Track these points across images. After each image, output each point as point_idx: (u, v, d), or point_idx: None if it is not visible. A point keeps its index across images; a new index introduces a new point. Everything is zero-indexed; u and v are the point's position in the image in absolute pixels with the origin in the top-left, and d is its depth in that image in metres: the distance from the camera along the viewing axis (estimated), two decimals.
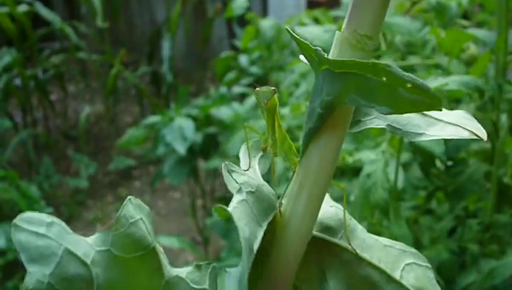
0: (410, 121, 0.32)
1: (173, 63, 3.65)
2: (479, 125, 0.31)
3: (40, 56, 3.64)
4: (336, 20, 1.56)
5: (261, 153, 0.39)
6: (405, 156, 0.98)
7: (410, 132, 0.32)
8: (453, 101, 0.96)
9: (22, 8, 3.24)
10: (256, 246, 0.30)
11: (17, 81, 3.49)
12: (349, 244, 0.35)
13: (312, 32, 1.06)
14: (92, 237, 0.32)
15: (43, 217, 0.31)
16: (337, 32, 0.32)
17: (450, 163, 0.95)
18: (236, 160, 0.40)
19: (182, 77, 4.39)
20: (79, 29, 3.81)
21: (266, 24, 1.59)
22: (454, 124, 0.31)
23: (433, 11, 1.21)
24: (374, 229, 0.91)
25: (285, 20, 2.05)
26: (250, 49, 1.98)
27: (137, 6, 4.94)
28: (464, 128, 0.31)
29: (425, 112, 0.32)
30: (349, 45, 0.31)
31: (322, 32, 1.05)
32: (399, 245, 0.35)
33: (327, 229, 0.36)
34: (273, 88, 0.35)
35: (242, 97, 2.32)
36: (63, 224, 0.31)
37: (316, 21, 1.61)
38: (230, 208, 0.31)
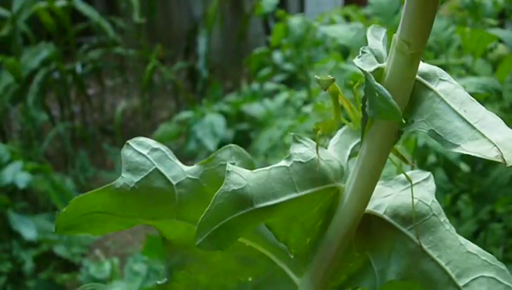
0: (455, 130, 0.33)
1: (209, 59, 3.66)
2: None
3: (78, 51, 3.68)
4: (368, 18, 1.54)
5: (340, 135, 0.41)
6: (431, 159, 0.97)
7: (449, 142, 0.33)
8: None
9: (60, 3, 3.28)
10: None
11: (56, 75, 3.54)
12: (417, 237, 0.36)
13: (336, 31, 1.05)
14: (189, 167, 0.39)
15: (150, 142, 0.39)
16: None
17: (467, 169, 0.93)
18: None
19: (218, 73, 4.40)
20: (117, 25, 3.84)
21: (295, 21, 1.58)
22: (493, 144, 0.31)
23: (467, 9, 1.19)
24: None
25: (317, 16, 2.03)
26: (283, 46, 1.97)
27: (175, 2, 4.96)
28: (497, 149, 0.31)
29: (480, 127, 0.33)
30: (396, 48, 0.34)
31: (347, 31, 1.04)
32: (488, 257, 0.35)
33: (401, 217, 0.37)
34: (331, 78, 0.38)
35: (275, 94, 2.31)
36: (168, 152, 0.39)
37: (347, 19, 1.60)
38: (263, 168, 0.35)
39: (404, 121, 0.34)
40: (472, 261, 0.35)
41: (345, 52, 1.18)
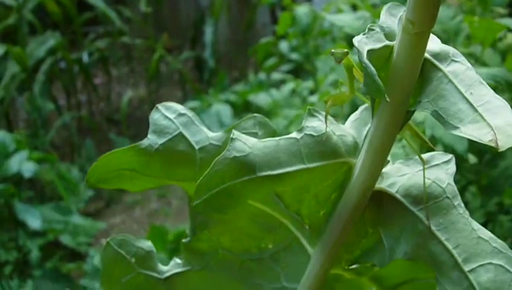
0: (458, 113, 0.33)
1: (216, 48, 3.65)
2: None
3: (84, 40, 3.67)
4: (374, 7, 1.53)
5: (360, 111, 0.41)
6: (438, 150, 0.95)
7: (450, 123, 0.33)
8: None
9: None
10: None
11: (62, 65, 3.54)
12: (426, 217, 0.36)
13: (343, 20, 1.03)
14: (214, 133, 0.40)
15: (178, 108, 0.41)
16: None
17: (474, 160, 0.92)
18: None
19: (225, 63, 4.39)
20: (123, 14, 3.83)
21: (301, 10, 1.57)
22: (491, 128, 0.32)
23: None
24: None
25: (324, 6, 2.01)
26: (290, 36, 1.96)
27: None
28: (493, 134, 0.31)
29: (481, 109, 0.33)
30: (402, 27, 0.34)
31: (353, 20, 1.03)
32: (500, 245, 0.34)
33: (412, 197, 0.37)
34: (345, 50, 0.38)
35: (281, 83, 2.31)
36: (194, 118, 0.40)
37: (354, 7, 1.58)
38: (273, 138, 0.36)
39: (411, 101, 0.34)
40: (482, 247, 0.34)
41: (352, 42, 1.16)
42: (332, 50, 0.38)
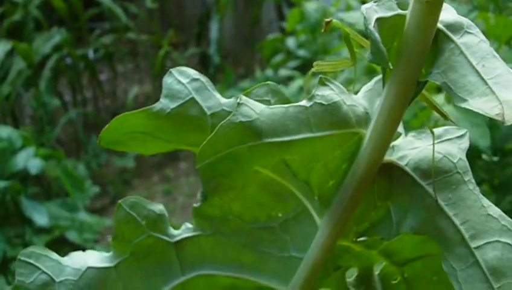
0: (467, 85, 0.32)
1: (222, 44, 3.64)
2: None
3: (90, 36, 3.67)
4: None
5: (374, 82, 0.41)
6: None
7: (458, 95, 0.32)
8: None
9: None
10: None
11: (68, 61, 3.54)
12: (434, 191, 0.35)
13: (353, 17, 1.03)
14: (227, 99, 0.40)
15: (191, 73, 0.40)
16: None
17: (495, 158, 0.91)
18: None
19: (231, 59, 4.38)
20: (129, 10, 3.83)
21: (311, 7, 1.56)
22: (499, 101, 0.31)
23: None
24: None
25: (333, 2, 2.00)
26: (298, 32, 1.95)
27: None
28: (501, 108, 0.31)
29: (495, 83, 0.32)
30: None
31: None
32: (508, 222, 0.34)
33: (421, 170, 0.36)
34: (329, 19, 0.38)
35: (289, 80, 2.30)
36: (208, 84, 0.40)
37: (364, 3, 1.57)
38: (281, 105, 0.35)
39: (423, 72, 0.34)
40: (490, 225, 0.34)
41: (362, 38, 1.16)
42: (326, 20, 0.38)
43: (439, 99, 0.87)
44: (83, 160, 3.19)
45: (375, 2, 0.34)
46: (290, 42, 2.14)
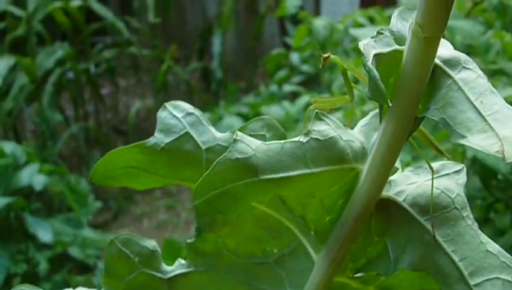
0: (466, 121, 0.32)
1: (224, 59, 3.64)
2: None
3: (92, 50, 3.67)
4: None
5: (370, 116, 0.41)
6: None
7: (457, 132, 0.32)
8: None
9: (76, 2, 3.28)
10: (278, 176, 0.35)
11: (70, 75, 3.53)
12: (432, 228, 0.35)
13: (366, 34, 1.02)
14: (222, 134, 0.40)
15: (186, 107, 0.40)
16: None
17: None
18: None
19: (232, 73, 4.38)
20: (131, 24, 3.83)
21: (319, 23, 1.56)
22: (499, 138, 0.31)
23: (495, 11, 1.17)
24: None
25: (338, 17, 2.00)
26: (302, 47, 1.94)
27: (189, 2, 4.95)
28: (500, 144, 0.31)
29: (490, 118, 0.32)
30: (411, 32, 0.33)
31: None
32: (507, 259, 0.34)
33: (419, 206, 0.36)
34: (328, 54, 0.38)
35: (293, 96, 2.29)
36: (202, 118, 0.40)
37: (371, 20, 1.57)
38: (277, 141, 0.35)
39: (420, 108, 0.34)
40: (489, 261, 0.34)
41: None
42: (323, 55, 0.39)
43: None
44: (85, 175, 3.17)
45: (372, 37, 0.34)
46: (294, 57, 2.14)
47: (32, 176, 2.06)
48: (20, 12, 3.12)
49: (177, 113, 0.40)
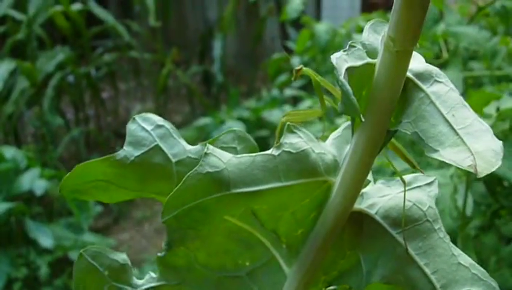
0: (438, 135, 0.32)
1: (224, 62, 3.63)
2: (493, 162, 0.31)
3: (93, 54, 3.67)
4: None
5: (342, 129, 0.41)
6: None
7: (429, 146, 0.32)
8: None
9: (76, 6, 3.27)
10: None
11: (70, 79, 3.53)
12: (404, 241, 0.35)
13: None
14: (192, 146, 0.40)
15: (156, 119, 0.40)
16: None
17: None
18: None
19: (233, 77, 4.38)
20: (132, 28, 3.83)
21: (321, 28, 1.55)
22: (471, 153, 0.31)
23: (497, 15, 1.16)
24: None
25: (338, 21, 2.00)
26: (309, 52, 1.94)
27: (190, 6, 4.95)
28: (473, 159, 0.31)
29: (463, 132, 0.32)
30: (383, 45, 0.33)
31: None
32: (480, 272, 0.34)
33: (391, 219, 0.36)
34: (299, 67, 0.38)
35: (294, 100, 2.29)
36: (172, 130, 0.39)
37: None
38: (249, 154, 0.35)
39: (393, 120, 0.34)
40: (461, 274, 0.34)
41: None
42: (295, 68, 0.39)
43: None
44: None
45: (344, 51, 0.34)
46: (295, 61, 2.14)
47: (33, 181, 2.06)
48: (21, 16, 3.11)
49: (146, 126, 0.39)
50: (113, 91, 4.10)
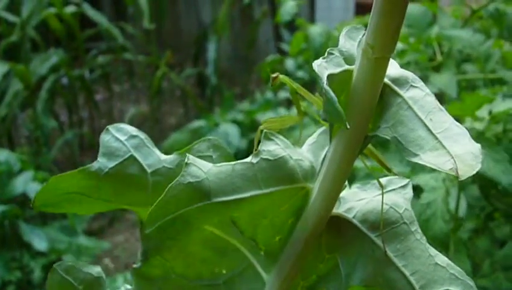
0: (417, 139, 0.33)
1: (219, 65, 3.63)
2: (474, 165, 0.31)
3: (86, 56, 3.66)
4: None
5: (317, 134, 0.41)
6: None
7: (409, 150, 0.33)
8: None
9: (70, 8, 3.27)
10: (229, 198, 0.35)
11: (64, 81, 3.52)
12: (383, 243, 0.35)
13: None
14: (167, 156, 0.39)
15: (129, 129, 0.39)
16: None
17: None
18: None
19: (227, 79, 4.38)
20: (126, 30, 3.82)
21: (315, 30, 1.56)
22: (451, 156, 0.31)
23: (491, 18, 1.16)
24: None
25: (332, 23, 2.00)
26: (303, 54, 1.94)
27: (184, 8, 4.94)
28: (453, 162, 0.31)
29: (441, 135, 0.33)
30: (362, 51, 0.33)
31: None
32: (457, 271, 0.35)
33: (369, 223, 0.36)
34: (275, 74, 0.39)
35: (288, 102, 2.29)
36: (147, 140, 0.39)
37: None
38: (228, 163, 0.35)
39: (370, 126, 0.34)
40: (439, 274, 0.34)
41: None
42: (272, 75, 0.39)
43: None
44: None
45: (323, 58, 0.34)
46: (289, 64, 2.13)
47: (27, 184, 2.06)
48: (14, 18, 3.10)
49: (120, 136, 0.39)
50: (107, 93, 4.09)
